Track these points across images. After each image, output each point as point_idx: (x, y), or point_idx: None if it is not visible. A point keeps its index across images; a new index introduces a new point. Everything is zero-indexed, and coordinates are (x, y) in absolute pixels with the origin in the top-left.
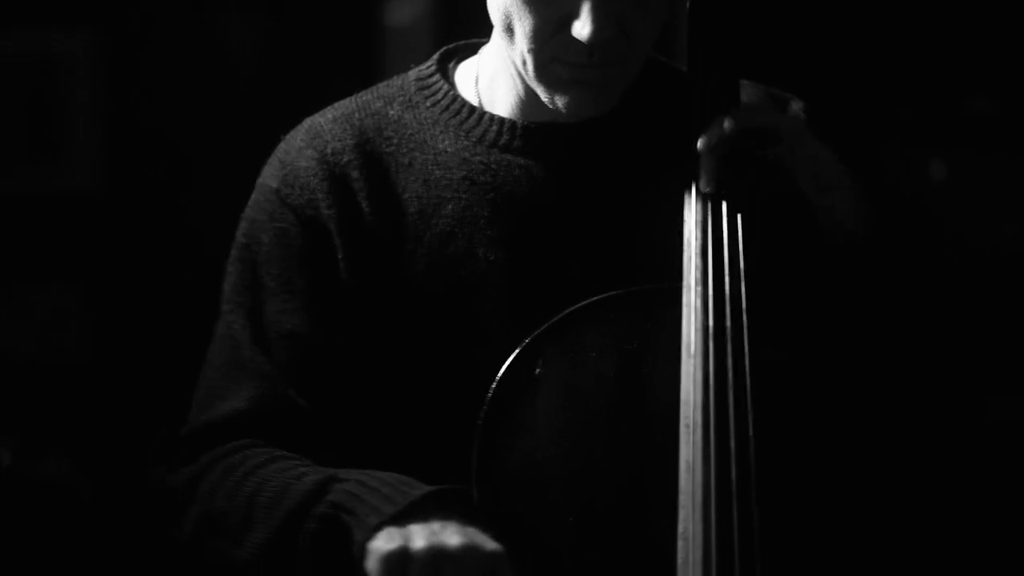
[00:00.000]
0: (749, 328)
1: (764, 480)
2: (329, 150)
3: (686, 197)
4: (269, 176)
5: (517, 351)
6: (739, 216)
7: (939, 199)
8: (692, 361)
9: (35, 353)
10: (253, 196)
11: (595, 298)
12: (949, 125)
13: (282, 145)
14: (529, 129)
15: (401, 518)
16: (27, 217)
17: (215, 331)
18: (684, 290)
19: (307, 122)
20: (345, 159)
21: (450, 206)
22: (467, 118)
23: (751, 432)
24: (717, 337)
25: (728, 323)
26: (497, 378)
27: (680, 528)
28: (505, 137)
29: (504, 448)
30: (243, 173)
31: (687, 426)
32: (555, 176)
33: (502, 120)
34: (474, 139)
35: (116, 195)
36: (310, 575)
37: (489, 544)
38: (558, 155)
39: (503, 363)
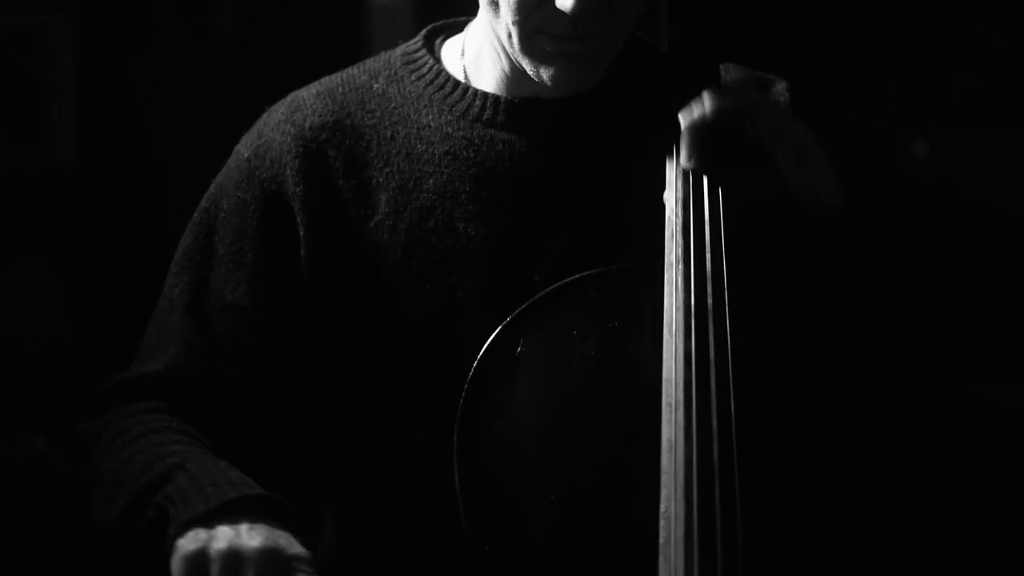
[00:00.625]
0: (731, 306)
1: (746, 458)
2: (308, 124)
3: (668, 175)
4: (244, 145)
5: (498, 330)
6: (720, 194)
7: (925, 175)
8: (674, 339)
9: (10, 330)
10: (228, 162)
11: (577, 276)
12: (935, 100)
13: (264, 116)
14: (512, 104)
15: (212, 518)
16: (2, 194)
17: (163, 290)
18: (666, 268)
19: (291, 95)
20: (324, 136)
21: (431, 180)
22: (451, 92)
23: (733, 410)
24: (699, 315)
25: (710, 301)
26: (478, 357)
27: (662, 507)
28: (489, 112)
29: (485, 427)
30: (223, 151)
31: (669, 405)
32: (538, 151)
33: (486, 95)
34: (457, 114)
35: (92, 172)
36: (154, 558)
37: (294, 548)
38: (541, 131)
39: (482, 339)
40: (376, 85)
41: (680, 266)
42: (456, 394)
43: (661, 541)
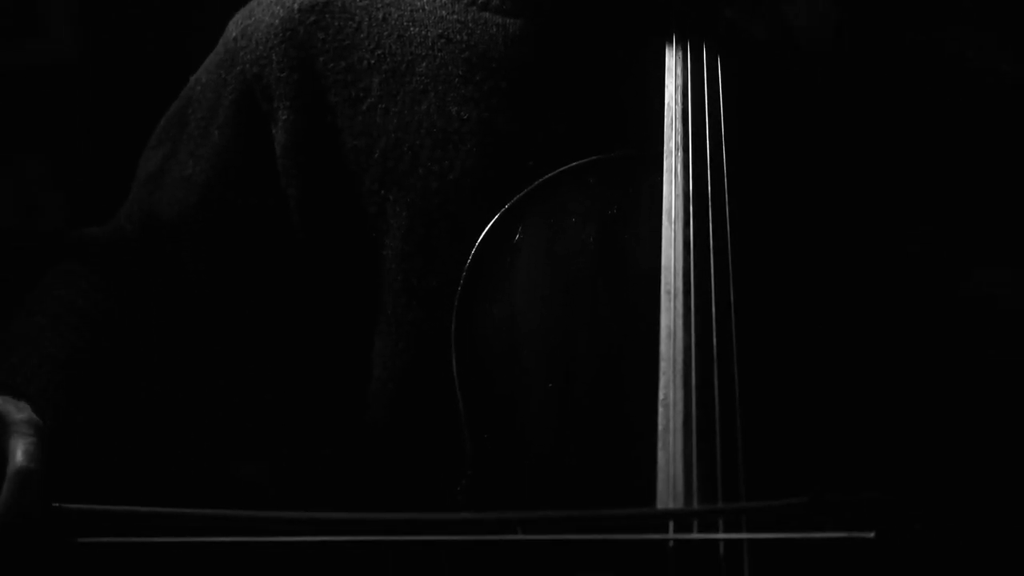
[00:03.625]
0: (731, 193)
1: (745, 345)
2: (297, 6)
3: (667, 61)
4: (235, 22)
5: (496, 217)
6: (720, 79)
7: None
8: (673, 227)
9: (8, 227)
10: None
11: (575, 163)
12: None
13: None
14: None
15: None
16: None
17: None
18: (665, 155)
19: None
20: (312, 17)
21: (424, 64)
22: None
23: (732, 298)
24: (698, 202)
25: (709, 188)
26: (476, 244)
27: (661, 395)
28: None
29: (483, 314)
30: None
31: (668, 292)
32: (533, 35)
33: None
34: None
35: (91, 67)
36: None
37: (23, 413)
38: (537, 14)
39: (477, 225)
40: None
41: (679, 153)
42: (452, 281)
43: (660, 428)
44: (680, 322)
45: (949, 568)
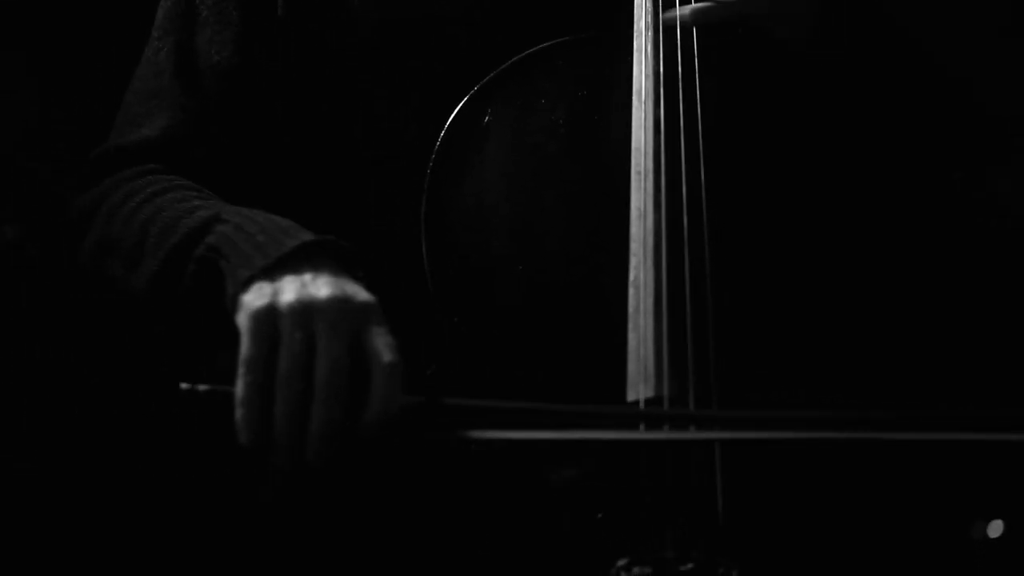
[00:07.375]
0: (701, 73)
1: (716, 225)
2: None
3: None
4: None
5: (464, 100)
6: None
7: None
8: (643, 107)
9: None
10: None
11: (544, 45)
12: None
13: None
14: None
15: (272, 270)
16: None
17: (143, 55)
18: (635, 35)
19: None
20: None
21: None
22: None
23: (703, 178)
24: (668, 82)
25: (680, 69)
26: (445, 127)
27: (631, 276)
28: None
29: (453, 195)
30: None
31: (639, 173)
32: None
33: None
34: None
35: None
36: (197, 312)
37: (361, 295)
38: None
39: (448, 106)
40: None
41: (649, 33)
42: (422, 162)
43: (630, 310)
44: (651, 202)
45: None
